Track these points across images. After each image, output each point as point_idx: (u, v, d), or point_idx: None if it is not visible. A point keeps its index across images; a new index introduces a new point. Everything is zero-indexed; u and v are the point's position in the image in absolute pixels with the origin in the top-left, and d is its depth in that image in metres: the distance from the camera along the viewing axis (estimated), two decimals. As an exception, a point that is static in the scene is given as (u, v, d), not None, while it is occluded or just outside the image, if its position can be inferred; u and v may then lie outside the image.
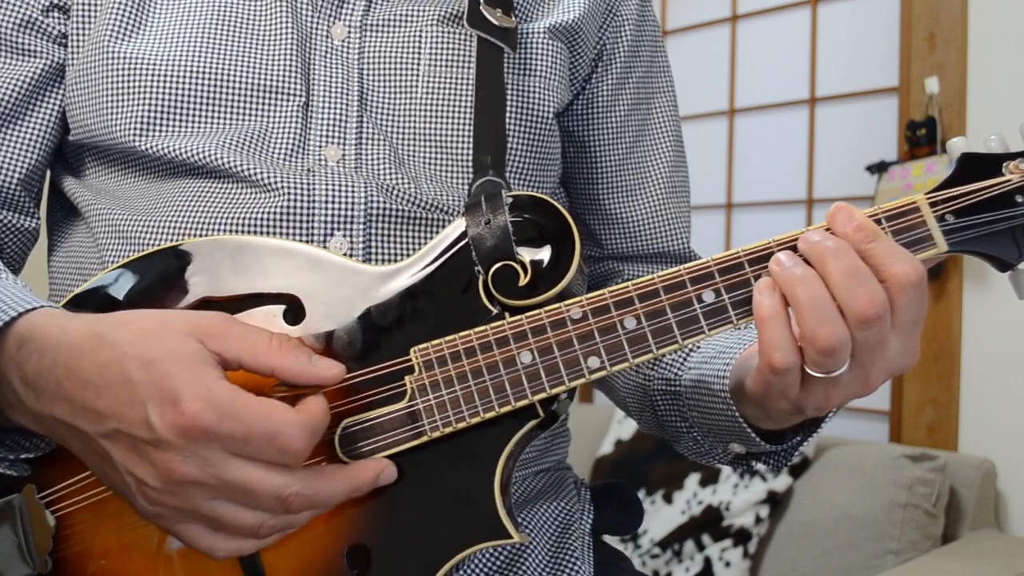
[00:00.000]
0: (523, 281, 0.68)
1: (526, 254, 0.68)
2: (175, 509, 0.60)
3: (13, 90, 0.82)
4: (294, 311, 0.69)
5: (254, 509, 0.59)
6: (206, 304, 0.70)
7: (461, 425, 0.66)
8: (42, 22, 0.83)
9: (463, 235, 0.70)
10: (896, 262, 0.61)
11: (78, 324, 0.62)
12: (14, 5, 0.83)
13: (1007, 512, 1.92)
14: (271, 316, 0.69)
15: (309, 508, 0.61)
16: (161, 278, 0.71)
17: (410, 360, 0.67)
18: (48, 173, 0.89)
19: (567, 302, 0.66)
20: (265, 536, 0.61)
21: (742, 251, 0.66)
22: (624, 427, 2.31)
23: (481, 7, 0.82)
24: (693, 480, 2.05)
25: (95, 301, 0.71)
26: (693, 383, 0.80)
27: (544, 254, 0.68)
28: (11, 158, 0.82)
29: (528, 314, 0.66)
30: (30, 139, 0.83)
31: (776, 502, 1.93)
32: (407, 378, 0.66)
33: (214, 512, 0.59)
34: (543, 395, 0.66)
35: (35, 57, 0.83)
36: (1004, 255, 0.65)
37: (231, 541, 0.61)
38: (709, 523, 1.95)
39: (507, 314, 0.67)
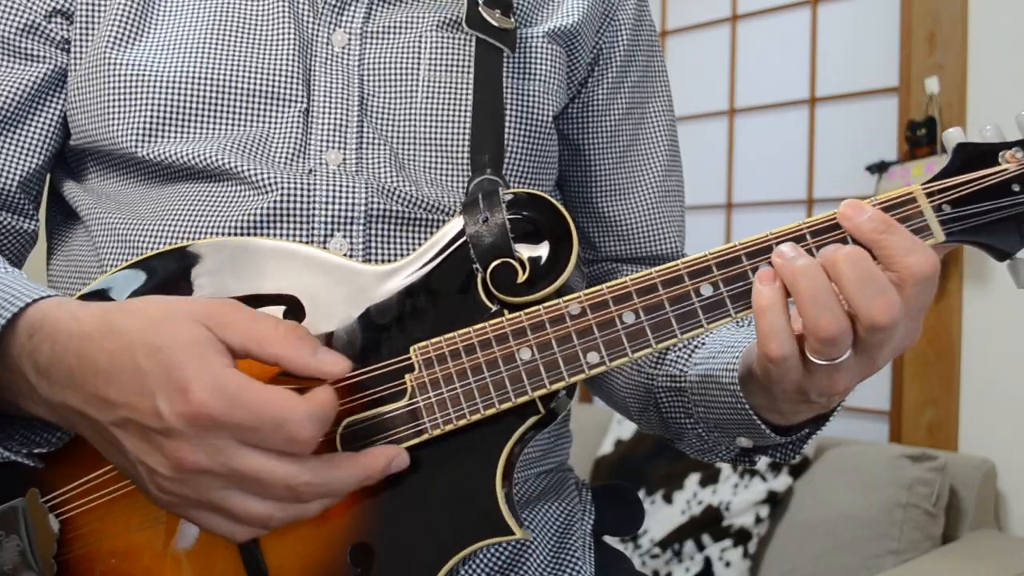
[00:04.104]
0: (521, 278, 0.68)
1: (524, 251, 0.68)
2: (186, 498, 0.59)
3: (16, 94, 0.82)
4: (294, 312, 0.69)
5: (265, 499, 0.59)
6: None
7: (462, 422, 0.66)
8: (45, 27, 0.83)
9: (461, 233, 0.70)
10: (909, 254, 0.62)
11: (89, 311, 0.62)
12: (17, 9, 0.83)
13: (1007, 512, 1.92)
14: None
15: (320, 497, 0.61)
16: (162, 281, 0.71)
17: (410, 358, 0.67)
18: (48, 177, 0.89)
19: (565, 298, 0.66)
20: (276, 526, 0.61)
21: (740, 245, 0.66)
22: (624, 427, 2.31)
23: (480, 8, 0.82)
24: (693, 480, 2.05)
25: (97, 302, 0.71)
26: (700, 378, 0.80)
27: (542, 251, 0.68)
28: (12, 162, 0.82)
29: (527, 310, 0.66)
30: (31, 143, 0.83)
31: (776, 502, 1.93)
32: (407, 376, 0.67)
33: (225, 502, 0.59)
34: (543, 391, 0.66)
35: (38, 62, 0.83)
36: (1002, 244, 0.65)
37: (249, 528, 0.61)
38: (709, 523, 1.96)
39: (506, 311, 0.67)
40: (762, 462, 1.94)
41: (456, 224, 0.70)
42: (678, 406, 0.85)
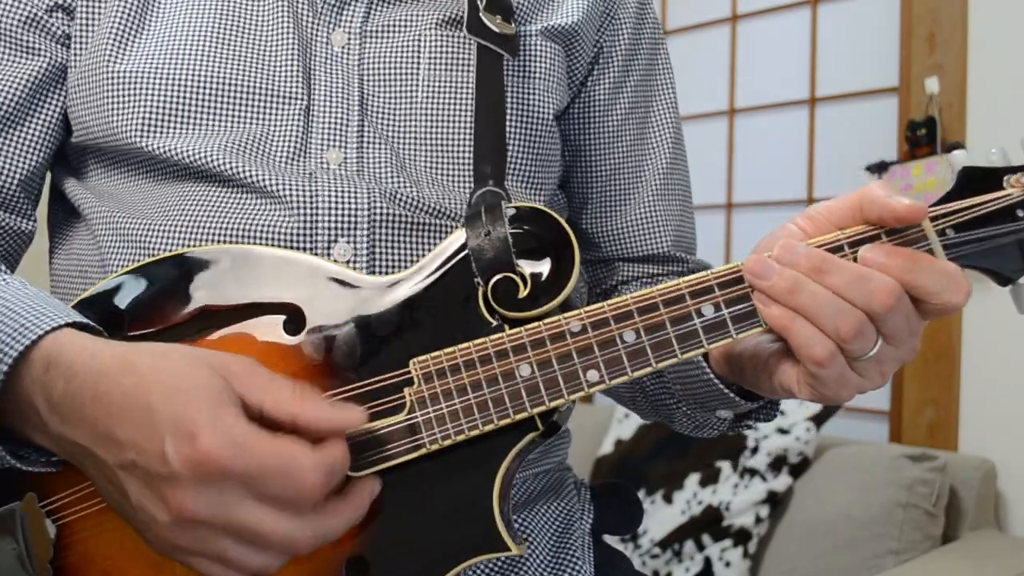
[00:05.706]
0: (523, 293, 0.68)
1: (526, 266, 0.68)
2: (184, 548, 0.59)
3: (17, 89, 0.82)
4: (294, 321, 0.69)
5: (263, 551, 0.59)
6: (206, 313, 0.70)
7: (460, 438, 0.65)
8: (46, 21, 0.83)
9: (463, 247, 0.70)
10: (950, 297, 0.63)
11: (109, 349, 0.61)
12: (18, 2, 0.83)
13: (1007, 512, 1.92)
14: (272, 326, 0.69)
15: (317, 546, 0.60)
16: (163, 287, 0.71)
17: (409, 372, 0.67)
18: (49, 175, 0.89)
19: (566, 315, 0.66)
20: (273, 572, 0.61)
21: (742, 265, 0.66)
22: (624, 427, 2.31)
23: (481, 14, 0.82)
24: (693, 480, 2.05)
25: (98, 308, 0.71)
26: None
27: (544, 266, 0.68)
28: (12, 160, 0.82)
29: (527, 327, 0.66)
30: (32, 140, 0.83)
31: (776, 502, 1.93)
32: (406, 390, 0.66)
33: (223, 553, 0.58)
34: (542, 408, 0.65)
35: (38, 56, 0.83)
36: (1004, 269, 0.66)
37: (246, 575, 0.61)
38: (709, 523, 1.96)
39: (507, 326, 0.67)
40: (761, 462, 1.96)
41: (458, 237, 0.70)
42: (660, 387, 0.86)
